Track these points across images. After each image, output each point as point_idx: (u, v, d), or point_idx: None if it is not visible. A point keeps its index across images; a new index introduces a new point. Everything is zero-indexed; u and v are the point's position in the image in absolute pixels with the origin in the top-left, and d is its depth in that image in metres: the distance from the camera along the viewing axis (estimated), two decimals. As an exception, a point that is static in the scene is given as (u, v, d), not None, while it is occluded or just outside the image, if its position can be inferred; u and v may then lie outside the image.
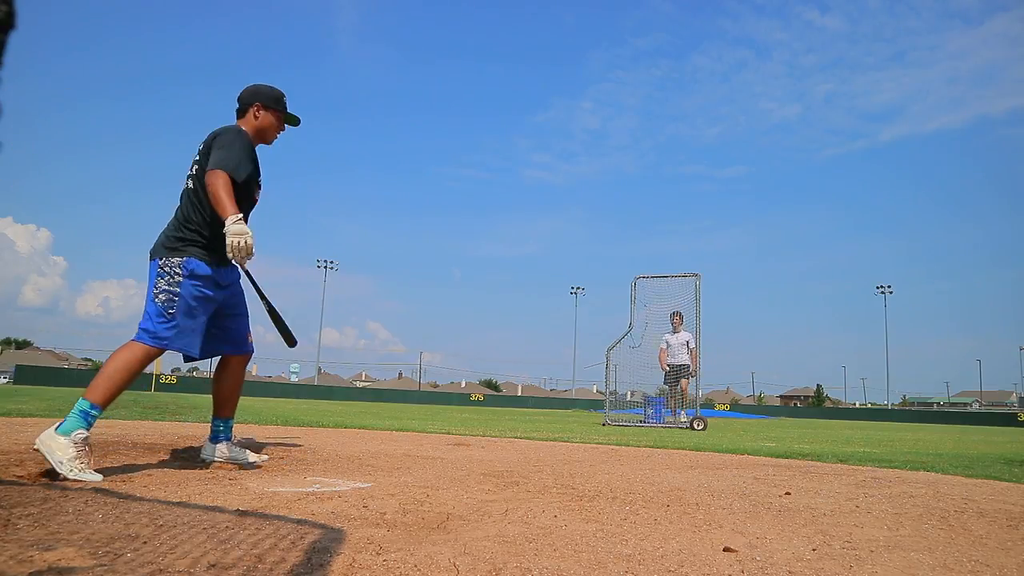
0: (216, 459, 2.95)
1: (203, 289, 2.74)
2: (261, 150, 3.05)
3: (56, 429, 2.40)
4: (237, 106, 3.04)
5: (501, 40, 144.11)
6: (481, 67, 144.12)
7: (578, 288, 67.19)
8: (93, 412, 2.48)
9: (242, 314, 3.01)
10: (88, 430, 2.45)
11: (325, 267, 62.04)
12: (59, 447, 2.35)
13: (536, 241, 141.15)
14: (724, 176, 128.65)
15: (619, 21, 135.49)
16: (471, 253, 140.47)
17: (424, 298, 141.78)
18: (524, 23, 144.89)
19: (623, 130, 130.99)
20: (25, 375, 34.83)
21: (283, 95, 3.09)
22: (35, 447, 2.37)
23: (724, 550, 1.64)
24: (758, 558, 1.58)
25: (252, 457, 3.01)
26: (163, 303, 2.67)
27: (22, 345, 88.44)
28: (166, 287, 2.68)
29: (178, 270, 2.71)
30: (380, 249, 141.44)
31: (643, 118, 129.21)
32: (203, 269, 2.75)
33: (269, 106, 3.03)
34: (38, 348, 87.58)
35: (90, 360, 77.72)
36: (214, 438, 3.00)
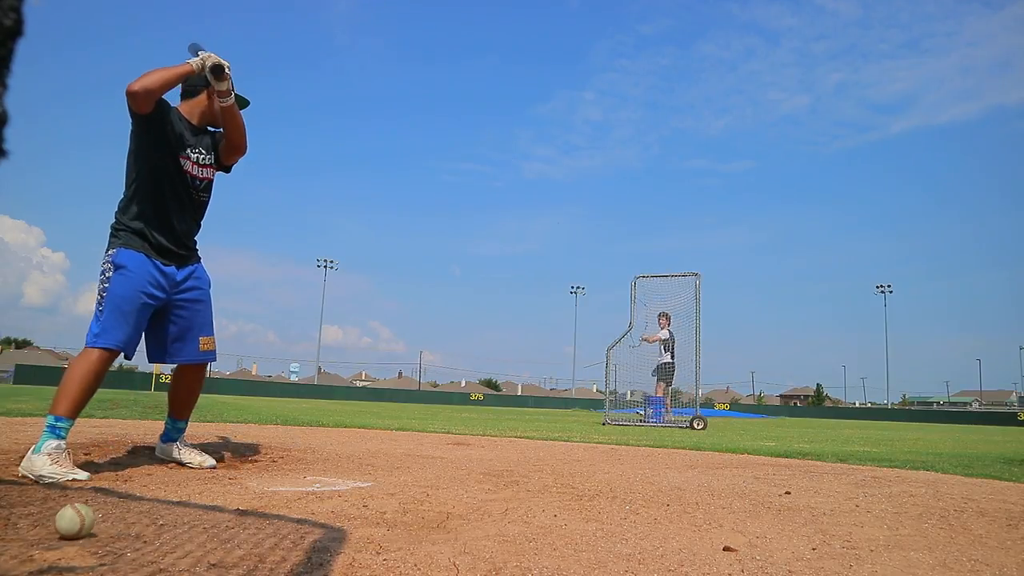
0: (167, 455, 2.96)
1: (135, 280, 2.63)
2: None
3: (32, 451, 2.43)
4: (182, 85, 2.80)
5: (500, 28, 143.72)
6: (480, 57, 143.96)
7: (578, 287, 67.30)
8: (60, 424, 2.48)
9: (195, 320, 2.85)
10: (60, 439, 2.45)
11: (325, 266, 62.12)
12: (36, 464, 2.38)
13: (536, 239, 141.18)
14: (729, 171, 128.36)
15: (623, 5, 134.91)
16: (471, 251, 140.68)
17: (424, 297, 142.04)
18: (524, 10, 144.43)
19: (626, 122, 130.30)
20: (25, 374, 34.85)
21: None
22: (21, 475, 2.39)
23: (724, 549, 1.64)
24: (758, 557, 1.58)
25: (196, 461, 2.88)
26: (97, 300, 2.62)
27: (22, 345, 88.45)
28: (100, 283, 2.63)
29: (108, 264, 2.64)
30: (380, 248, 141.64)
31: (647, 109, 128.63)
32: (134, 259, 2.64)
33: None
34: (38, 347, 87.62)
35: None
36: (165, 437, 2.99)
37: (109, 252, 2.66)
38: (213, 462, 2.91)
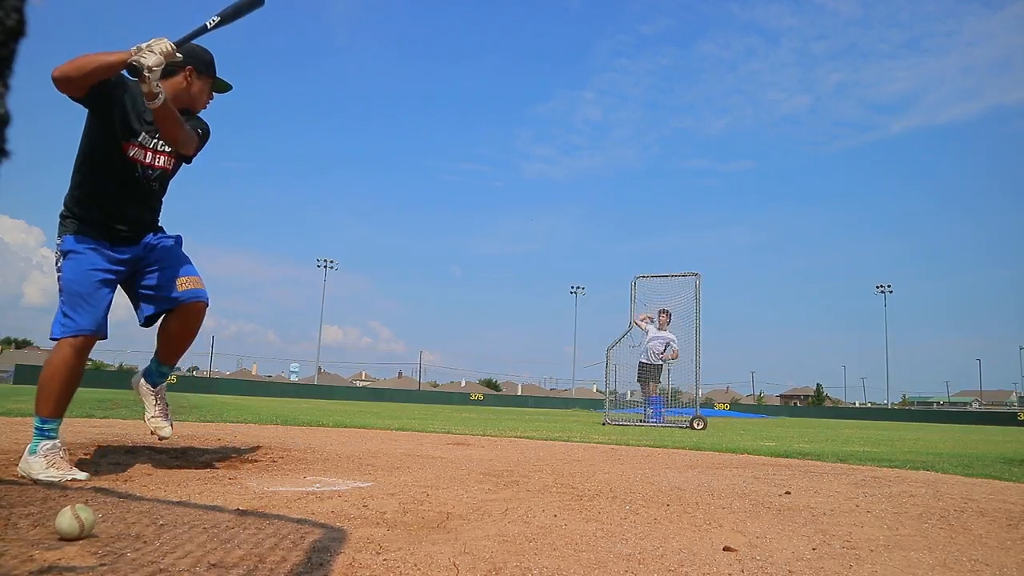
0: (138, 393, 2.91)
1: (84, 262, 2.55)
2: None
3: (27, 453, 2.44)
4: None
5: (500, 28, 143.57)
6: (480, 57, 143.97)
7: (578, 287, 67.34)
8: (47, 426, 2.46)
9: (164, 267, 2.74)
10: (53, 439, 2.44)
11: (325, 266, 62.14)
12: (32, 466, 2.38)
13: (536, 239, 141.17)
14: (729, 171, 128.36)
15: (623, 5, 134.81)
16: (471, 251, 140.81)
17: (424, 297, 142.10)
18: (524, 10, 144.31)
19: (626, 122, 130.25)
20: (25, 374, 34.83)
21: (214, 58, 2.77)
22: (19, 476, 2.41)
23: (724, 549, 1.64)
24: (758, 557, 1.58)
25: (152, 425, 2.85)
26: (59, 291, 2.55)
27: (22, 345, 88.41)
28: (56, 274, 2.56)
29: (58, 253, 2.58)
30: (380, 248, 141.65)
31: (647, 109, 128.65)
32: (77, 243, 2.56)
33: (202, 71, 2.72)
34: (38, 347, 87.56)
35: (90, 360, 77.44)
36: (147, 375, 2.91)
37: (57, 241, 2.59)
38: (168, 433, 2.88)
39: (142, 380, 2.93)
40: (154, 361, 2.91)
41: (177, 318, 2.78)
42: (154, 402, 2.89)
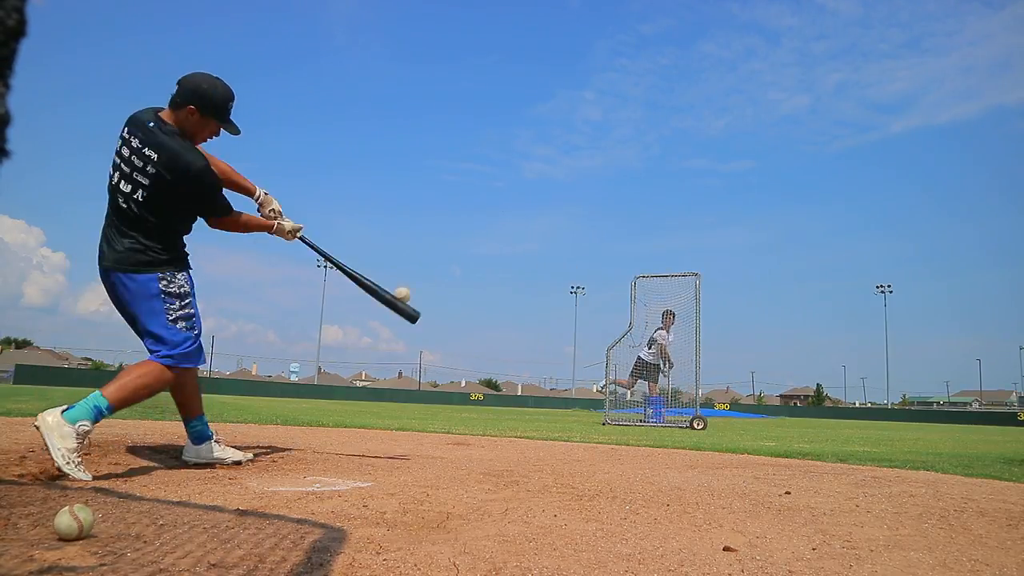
0: (198, 460, 2.90)
1: (195, 300, 2.76)
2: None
3: (63, 412, 2.34)
4: (176, 88, 2.70)
5: (500, 28, 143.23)
6: (480, 57, 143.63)
7: (578, 287, 67.32)
8: (105, 411, 2.45)
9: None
10: (93, 424, 2.40)
11: (325, 266, 62.09)
12: (61, 433, 2.29)
13: (536, 239, 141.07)
14: (729, 171, 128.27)
15: (623, 5, 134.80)
16: (471, 251, 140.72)
17: (424, 297, 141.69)
18: (524, 10, 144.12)
19: (626, 122, 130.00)
20: (25, 374, 34.83)
21: (230, 100, 2.78)
22: (35, 424, 2.32)
23: (724, 549, 1.64)
24: (758, 557, 1.58)
25: (236, 456, 2.99)
26: (185, 326, 2.67)
27: (22, 345, 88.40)
28: (180, 305, 2.67)
29: (185, 286, 2.70)
30: (380, 248, 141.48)
31: (647, 109, 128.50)
32: (188, 281, 2.74)
33: (205, 114, 2.71)
34: (38, 347, 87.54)
35: (90, 360, 77.80)
36: (196, 439, 2.93)
37: (180, 276, 2.75)
38: (249, 456, 3.06)
39: (196, 447, 2.95)
40: (187, 424, 2.96)
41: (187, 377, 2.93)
42: (216, 451, 2.97)
